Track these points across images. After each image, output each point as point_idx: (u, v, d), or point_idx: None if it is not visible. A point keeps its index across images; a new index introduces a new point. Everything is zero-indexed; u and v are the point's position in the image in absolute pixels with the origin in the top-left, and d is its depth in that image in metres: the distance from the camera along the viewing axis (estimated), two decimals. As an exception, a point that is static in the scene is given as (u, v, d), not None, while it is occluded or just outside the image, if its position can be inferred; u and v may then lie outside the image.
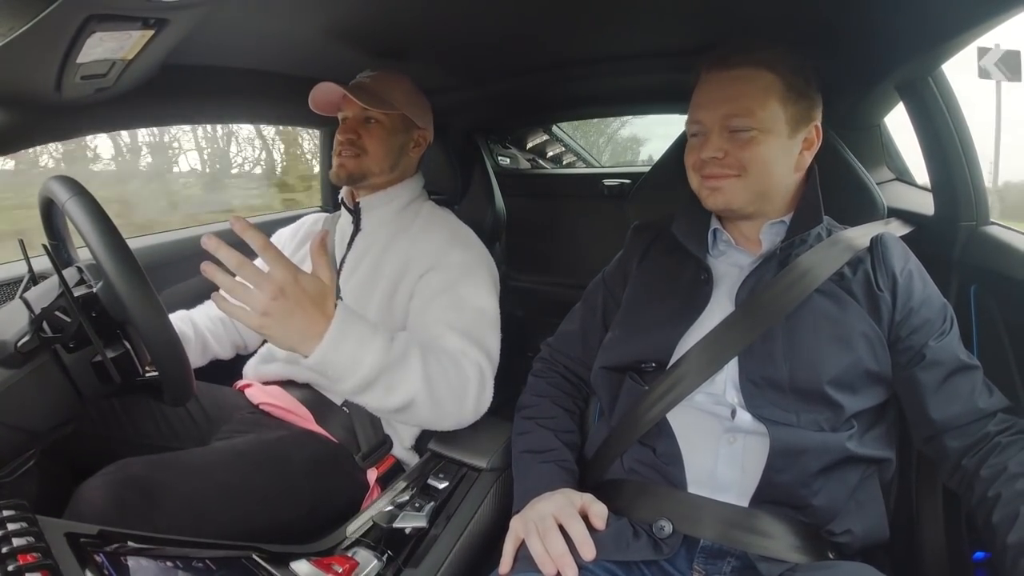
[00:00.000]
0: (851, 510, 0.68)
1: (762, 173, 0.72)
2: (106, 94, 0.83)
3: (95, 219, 0.65)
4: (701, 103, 0.75)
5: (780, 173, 0.74)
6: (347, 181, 1.01)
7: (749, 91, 0.71)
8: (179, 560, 0.59)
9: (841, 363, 0.68)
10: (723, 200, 0.74)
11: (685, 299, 0.77)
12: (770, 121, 0.71)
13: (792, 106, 0.72)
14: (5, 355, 0.66)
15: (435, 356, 0.80)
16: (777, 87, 0.71)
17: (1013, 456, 0.62)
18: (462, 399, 0.82)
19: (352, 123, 1.00)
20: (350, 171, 1.00)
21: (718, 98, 0.73)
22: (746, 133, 0.71)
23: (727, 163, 0.73)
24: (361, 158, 0.99)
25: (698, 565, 0.66)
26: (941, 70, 0.83)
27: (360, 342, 0.69)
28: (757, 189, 0.73)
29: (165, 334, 0.65)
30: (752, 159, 0.72)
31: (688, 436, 0.71)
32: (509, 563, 0.65)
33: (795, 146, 0.74)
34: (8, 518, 0.52)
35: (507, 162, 1.97)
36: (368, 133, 0.99)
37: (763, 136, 0.71)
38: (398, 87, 1.01)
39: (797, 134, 0.73)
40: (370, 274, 0.98)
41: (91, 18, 0.58)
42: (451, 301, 0.90)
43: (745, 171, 0.72)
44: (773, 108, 0.71)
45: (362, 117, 0.99)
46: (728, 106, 0.72)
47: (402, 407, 0.76)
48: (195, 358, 1.04)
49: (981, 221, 0.84)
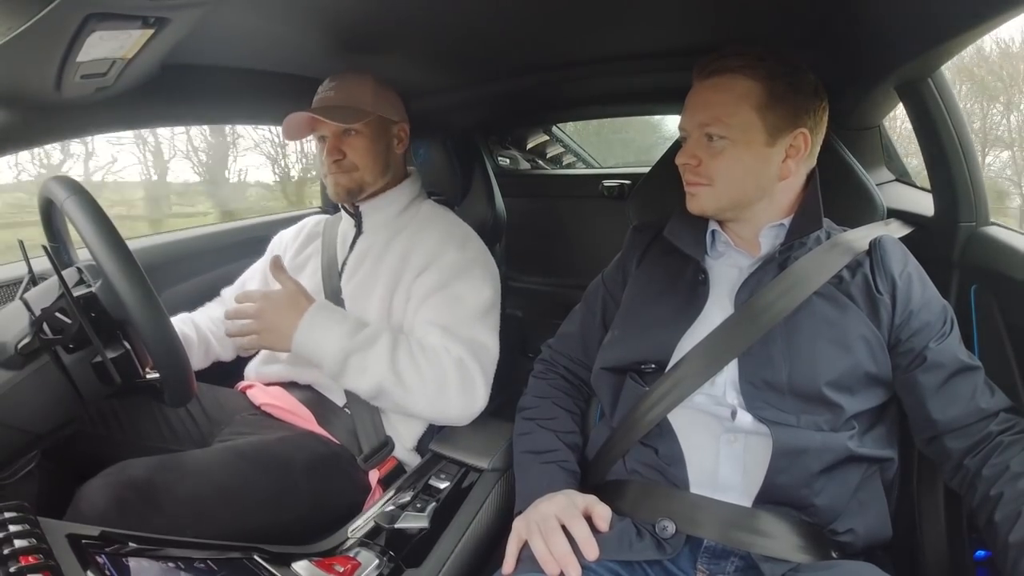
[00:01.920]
0: (853, 509, 0.68)
1: (730, 184, 0.73)
2: (106, 94, 0.83)
3: (94, 218, 0.64)
4: (685, 109, 0.77)
5: (754, 182, 0.74)
6: (347, 198, 1.01)
7: (721, 100, 0.72)
8: (180, 561, 0.59)
9: (840, 366, 0.68)
10: (697, 206, 0.76)
11: (684, 300, 0.77)
12: (742, 130, 0.71)
13: (771, 113, 0.71)
14: (5, 357, 0.65)
15: (406, 346, 0.87)
16: (754, 94, 0.71)
17: (1015, 456, 0.62)
18: (443, 392, 0.85)
19: (334, 141, 0.98)
20: (347, 188, 1.00)
21: (694, 105, 0.75)
22: (719, 141, 0.72)
23: (700, 171, 0.74)
24: (353, 173, 0.99)
25: (702, 565, 0.66)
26: (941, 71, 0.83)
27: (326, 328, 0.86)
28: (728, 199, 0.74)
29: (165, 334, 0.65)
30: (720, 169, 0.73)
31: (689, 437, 0.71)
32: (512, 563, 0.65)
33: (775, 154, 0.73)
34: (9, 519, 0.52)
35: (507, 163, 1.96)
36: (352, 147, 0.98)
37: (734, 146, 0.72)
38: (363, 89, 0.99)
39: (778, 142, 0.72)
40: (370, 275, 0.98)
41: (91, 16, 0.58)
42: (444, 300, 0.91)
43: (713, 181, 0.73)
44: (746, 116, 0.71)
45: (340, 131, 0.98)
46: (701, 114, 0.73)
47: (374, 390, 0.86)
48: (198, 360, 1.04)
49: (981, 222, 0.84)
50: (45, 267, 0.72)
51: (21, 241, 0.79)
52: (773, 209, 0.76)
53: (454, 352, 0.87)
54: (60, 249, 0.85)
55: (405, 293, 0.95)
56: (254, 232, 1.40)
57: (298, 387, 1.00)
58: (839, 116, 0.78)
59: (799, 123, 0.73)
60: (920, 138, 0.89)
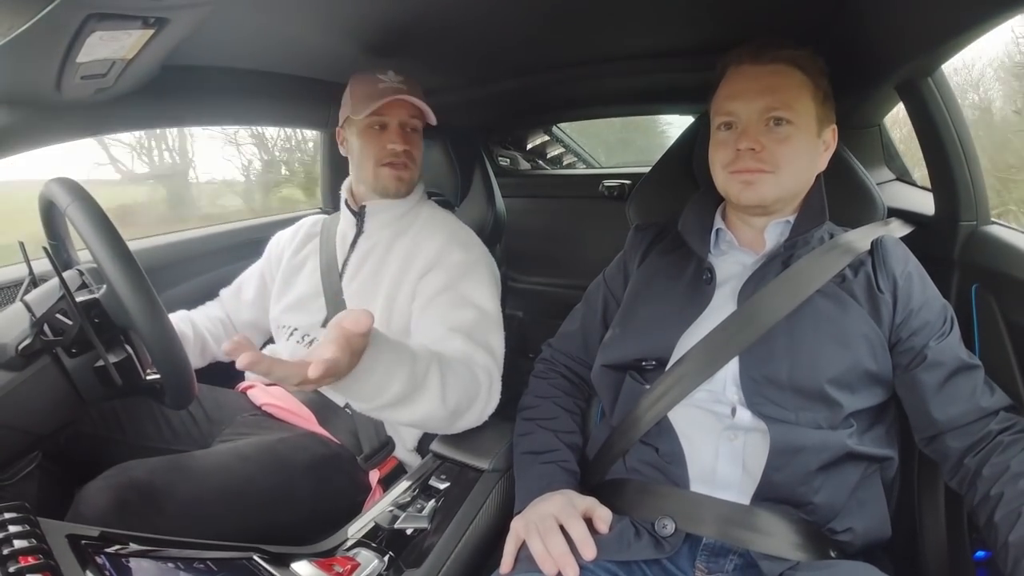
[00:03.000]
0: (852, 508, 0.68)
1: (795, 170, 0.73)
2: (106, 94, 0.83)
3: (98, 225, 0.64)
4: (735, 94, 0.73)
5: (808, 171, 0.75)
6: (401, 191, 1.00)
7: (786, 84, 0.72)
8: (180, 561, 0.59)
9: (841, 363, 0.68)
10: (757, 195, 0.73)
11: (686, 298, 0.77)
12: (805, 117, 0.72)
13: (819, 106, 0.73)
14: (6, 358, 0.66)
15: (452, 369, 0.77)
16: (808, 86, 0.73)
17: (1015, 455, 0.62)
18: (473, 404, 0.82)
19: (402, 131, 0.98)
20: (408, 182, 0.99)
21: (755, 89, 0.72)
22: (785, 127, 0.71)
23: (763, 157, 0.71)
24: (411, 168, 0.99)
25: (700, 563, 0.66)
26: (941, 70, 0.83)
27: (388, 372, 0.67)
28: (788, 186, 0.74)
29: (168, 341, 0.65)
30: (787, 155, 0.72)
31: (689, 434, 0.71)
32: (510, 563, 0.65)
33: (820, 145, 0.75)
34: (10, 520, 0.52)
35: (507, 163, 1.96)
36: (412, 142, 0.99)
37: (798, 132, 0.72)
38: (419, 91, 0.99)
39: (822, 134, 0.75)
40: (372, 276, 0.98)
41: (91, 17, 0.58)
42: (452, 300, 0.90)
43: (779, 168, 0.72)
44: (807, 104, 0.72)
45: (407, 124, 0.98)
46: (767, 98, 0.71)
47: (419, 421, 0.76)
48: (194, 359, 1.03)
49: (982, 221, 0.84)
50: (46, 268, 0.72)
51: (22, 243, 0.79)
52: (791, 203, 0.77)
53: (480, 361, 0.85)
54: (60, 248, 0.85)
55: (410, 293, 0.95)
56: (252, 234, 1.40)
57: None
58: (839, 116, 0.79)
59: (833, 117, 0.76)
60: (920, 138, 0.89)
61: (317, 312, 1.00)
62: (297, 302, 1.03)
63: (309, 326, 1.00)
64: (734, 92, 0.74)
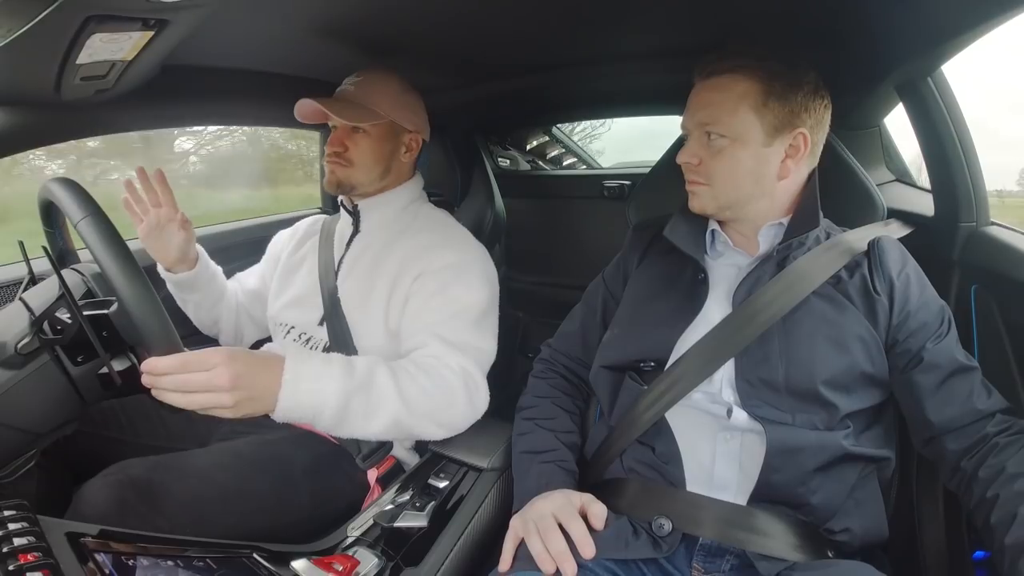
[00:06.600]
0: (850, 509, 0.68)
1: (729, 184, 0.74)
2: (106, 95, 0.83)
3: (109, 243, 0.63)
4: (686, 109, 0.77)
5: (753, 182, 0.74)
6: (338, 190, 1.01)
7: (720, 99, 0.72)
8: (180, 559, 0.59)
9: (836, 365, 0.68)
10: (698, 205, 0.77)
11: (683, 299, 0.77)
12: (741, 130, 0.72)
13: (770, 113, 0.71)
14: (5, 356, 0.66)
15: (406, 372, 0.79)
16: (752, 94, 0.71)
17: (1011, 457, 0.62)
18: (451, 407, 0.81)
19: (340, 133, 0.98)
20: (339, 180, 0.99)
21: (694, 104, 0.76)
22: (718, 140, 0.73)
23: (700, 171, 0.75)
24: (348, 168, 0.98)
25: (697, 563, 0.67)
26: (941, 71, 0.83)
27: (316, 376, 0.71)
28: (726, 198, 0.75)
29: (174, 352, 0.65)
30: (718, 170, 0.73)
31: (686, 435, 0.71)
32: (509, 562, 0.65)
33: (774, 154, 0.73)
34: (9, 518, 0.52)
35: (507, 164, 1.96)
36: (355, 144, 0.98)
37: (733, 146, 0.72)
38: (385, 91, 0.98)
39: (776, 141, 0.72)
40: (367, 275, 0.98)
41: (91, 19, 0.58)
42: (443, 304, 0.90)
43: (712, 181, 0.74)
44: (745, 116, 0.71)
45: (349, 127, 0.97)
46: (701, 113, 0.74)
47: (388, 429, 0.77)
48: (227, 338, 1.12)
49: (981, 222, 0.84)
50: (46, 267, 0.73)
51: (21, 242, 0.79)
52: (773, 208, 0.76)
53: (455, 363, 0.84)
54: (58, 243, 0.85)
55: (404, 294, 0.95)
56: (252, 233, 1.40)
57: None
58: (839, 116, 0.79)
59: (798, 123, 0.72)
60: (920, 138, 0.89)
61: (314, 310, 1.00)
62: (294, 300, 1.03)
63: (306, 324, 1.00)
64: (686, 106, 0.77)
